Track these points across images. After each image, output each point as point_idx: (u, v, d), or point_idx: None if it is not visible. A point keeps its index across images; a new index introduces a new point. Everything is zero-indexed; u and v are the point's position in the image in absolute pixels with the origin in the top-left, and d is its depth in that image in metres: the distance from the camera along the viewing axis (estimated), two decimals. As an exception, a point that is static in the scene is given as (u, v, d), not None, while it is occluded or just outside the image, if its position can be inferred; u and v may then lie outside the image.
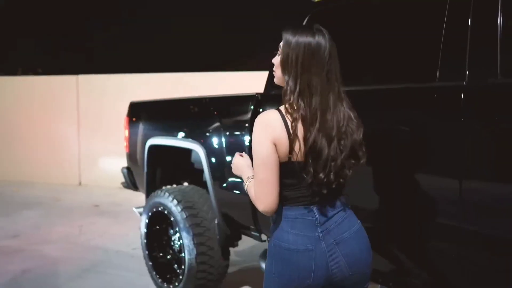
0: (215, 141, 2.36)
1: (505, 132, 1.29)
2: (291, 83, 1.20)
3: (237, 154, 1.42)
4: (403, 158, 1.52)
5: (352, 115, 1.24)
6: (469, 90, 1.36)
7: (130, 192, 6.01)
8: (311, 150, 1.17)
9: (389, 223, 1.58)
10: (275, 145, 1.19)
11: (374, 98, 1.61)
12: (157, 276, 2.75)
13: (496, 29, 1.33)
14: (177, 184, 3.03)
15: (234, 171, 1.40)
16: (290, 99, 1.20)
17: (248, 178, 1.30)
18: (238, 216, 2.34)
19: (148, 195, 3.02)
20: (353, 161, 1.23)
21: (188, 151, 2.91)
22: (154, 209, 2.72)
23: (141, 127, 3.07)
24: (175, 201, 2.55)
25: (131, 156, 3.28)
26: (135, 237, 4.00)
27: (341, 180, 1.21)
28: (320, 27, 1.25)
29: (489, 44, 1.34)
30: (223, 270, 2.58)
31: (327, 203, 1.23)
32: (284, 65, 1.23)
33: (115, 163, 6.44)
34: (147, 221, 2.82)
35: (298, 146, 1.18)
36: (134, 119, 3.22)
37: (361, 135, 1.24)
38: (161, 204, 2.64)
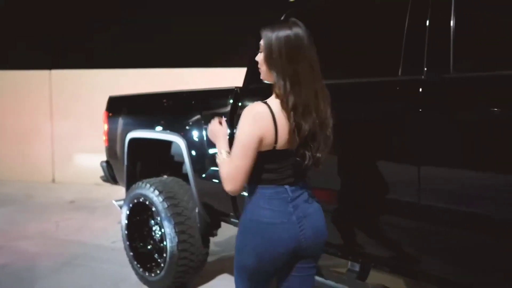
0: (195, 133, 2.46)
1: (456, 120, 1.47)
2: (279, 77, 1.28)
3: (216, 120, 1.46)
4: (370, 144, 1.68)
5: (328, 103, 1.37)
6: (426, 83, 1.53)
7: (106, 188, 6.01)
8: (308, 136, 1.29)
9: (358, 204, 1.74)
10: (261, 139, 1.28)
11: (345, 90, 1.77)
12: (138, 266, 2.83)
13: (449, 31, 1.51)
14: (156, 177, 3.09)
15: (210, 136, 1.46)
16: (280, 93, 1.28)
17: (221, 152, 1.37)
18: (218, 204, 2.45)
19: (128, 188, 3.07)
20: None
21: (168, 144, 2.99)
22: (136, 200, 2.79)
23: (121, 121, 3.12)
24: (156, 192, 2.63)
25: (111, 150, 3.32)
26: (114, 231, 4.03)
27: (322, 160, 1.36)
28: (296, 20, 1.35)
29: (443, 44, 1.51)
30: (203, 257, 2.69)
31: (297, 183, 1.38)
32: (269, 60, 1.31)
33: (90, 159, 6.38)
34: (128, 212, 2.89)
35: (287, 136, 1.29)
36: (113, 113, 3.26)
37: (332, 122, 1.38)
38: (142, 195, 2.72)
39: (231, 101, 2.27)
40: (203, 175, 2.44)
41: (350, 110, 1.72)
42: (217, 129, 1.45)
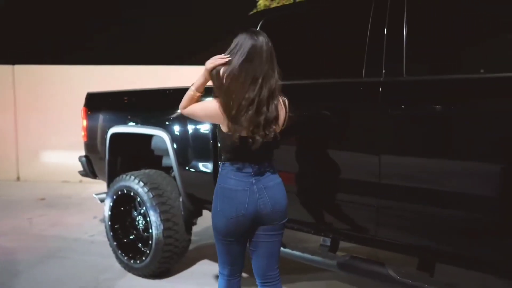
0: (180, 128, 2.64)
1: (408, 115, 1.79)
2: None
3: (220, 58, 1.62)
4: (340, 134, 1.97)
5: (279, 101, 1.62)
6: (384, 84, 1.84)
7: (75, 186, 6.00)
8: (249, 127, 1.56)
9: (329, 188, 2.03)
10: (213, 120, 1.66)
11: (318, 89, 2.05)
12: (123, 255, 2.97)
13: (402, 41, 1.83)
14: (135, 170, 3.20)
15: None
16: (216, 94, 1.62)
17: (192, 88, 1.71)
18: (203, 193, 2.65)
19: (109, 181, 3.19)
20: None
21: (149, 139, 3.14)
22: (120, 192, 2.93)
23: (101, 117, 3.23)
24: (141, 183, 2.79)
25: (90, 145, 3.41)
26: (91, 225, 4.11)
27: (268, 140, 1.60)
28: (254, 30, 1.63)
29: (397, 51, 1.83)
30: (186, 243, 2.89)
31: (260, 163, 1.67)
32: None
33: (57, 156, 6.32)
34: (111, 204, 3.02)
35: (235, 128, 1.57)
36: (93, 109, 3.36)
37: (277, 114, 1.61)
38: (127, 187, 2.87)
39: (212, 98, 2.48)
40: (187, 167, 2.63)
41: (324, 105, 2.00)
42: (207, 66, 1.65)
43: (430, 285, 1.74)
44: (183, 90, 2.81)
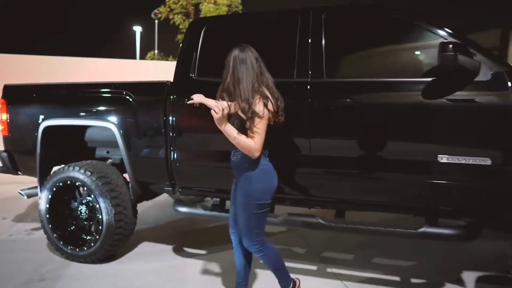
0: (129, 119, 2.86)
1: (328, 107, 2.47)
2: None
3: (216, 110, 2.01)
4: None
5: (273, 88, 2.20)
6: (311, 84, 2.50)
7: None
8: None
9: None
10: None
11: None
12: (65, 245, 3.03)
13: (322, 50, 2.51)
14: (65, 164, 3.22)
15: (217, 123, 2.05)
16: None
17: (235, 136, 2.05)
18: (154, 177, 2.93)
19: (41, 176, 3.16)
20: None
21: (83, 132, 3.22)
22: (61, 184, 2.98)
23: (30, 110, 3.15)
24: (88, 173, 2.91)
25: (13, 139, 3.28)
26: (4, 227, 3.87)
27: None
28: (245, 46, 2.17)
29: (319, 58, 2.50)
30: (133, 226, 3.12)
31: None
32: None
33: None
34: (50, 197, 3.03)
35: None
36: (15, 102, 3.23)
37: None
38: (71, 177, 2.94)
39: (164, 93, 2.80)
40: (139, 154, 2.87)
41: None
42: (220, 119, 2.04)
43: (347, 224, 2.49)
44: (131, 84, 3.06)
